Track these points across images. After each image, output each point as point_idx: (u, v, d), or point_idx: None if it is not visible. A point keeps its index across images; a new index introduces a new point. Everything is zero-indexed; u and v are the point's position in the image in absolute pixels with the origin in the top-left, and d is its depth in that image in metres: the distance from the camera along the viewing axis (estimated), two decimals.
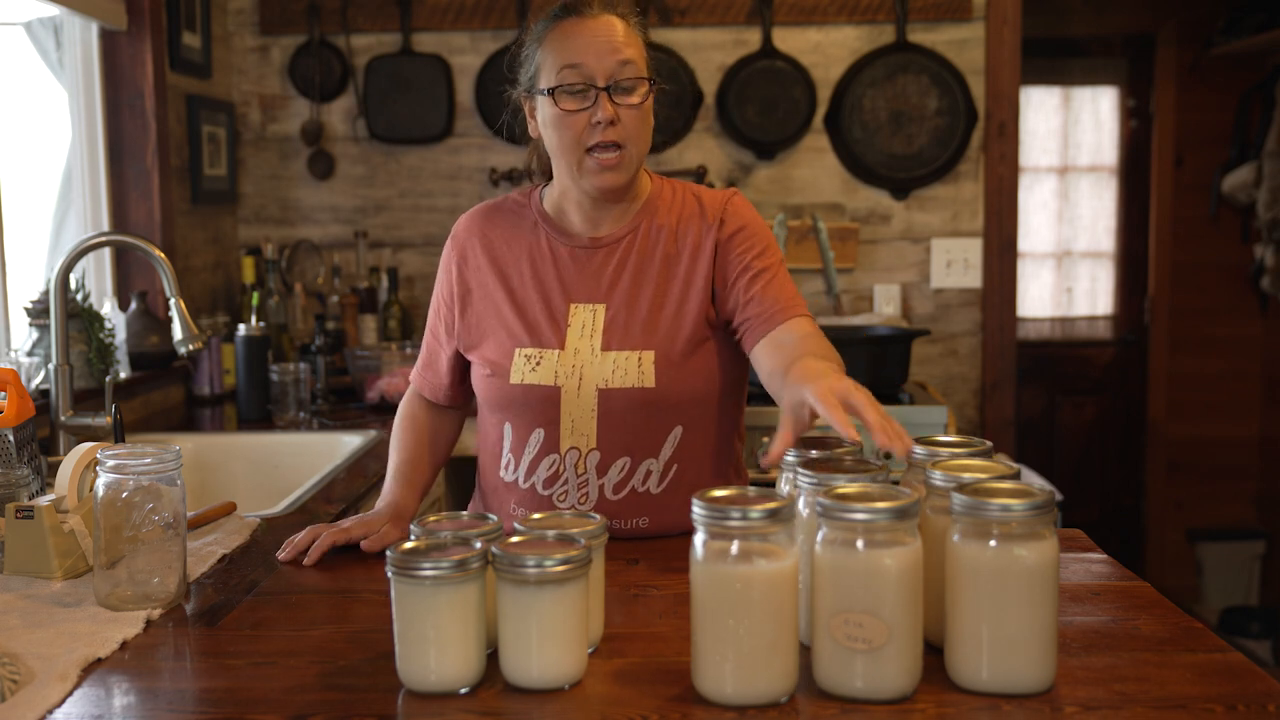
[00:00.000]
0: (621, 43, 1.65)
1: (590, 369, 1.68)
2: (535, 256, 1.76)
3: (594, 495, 1.70)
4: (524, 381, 1.70)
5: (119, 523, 1.40)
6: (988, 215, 3.63)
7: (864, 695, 1.12)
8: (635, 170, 1.70)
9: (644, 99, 1.67)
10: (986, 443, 1.33)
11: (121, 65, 3.05)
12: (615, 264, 1.74)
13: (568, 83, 1.64)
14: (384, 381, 3.07)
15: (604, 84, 1.64)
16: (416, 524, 1.26)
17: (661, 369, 1.68)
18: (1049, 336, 5.01)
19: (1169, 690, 1.14)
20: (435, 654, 1.15)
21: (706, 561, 1.12)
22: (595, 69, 1.63)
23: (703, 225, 1.74)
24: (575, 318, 1.72)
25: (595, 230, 1.76)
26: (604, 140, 1.64)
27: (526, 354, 1.71)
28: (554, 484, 1.71)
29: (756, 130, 3.60)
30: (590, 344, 1.70)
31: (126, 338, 2.94)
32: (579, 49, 1.64)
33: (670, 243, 1.74)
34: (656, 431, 1.70)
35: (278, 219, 3.69)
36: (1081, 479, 4.97)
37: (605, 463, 1.69)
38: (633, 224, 1.75)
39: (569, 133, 1.65)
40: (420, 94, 3.60)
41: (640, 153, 1.69)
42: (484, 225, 1.81)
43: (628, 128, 1.65)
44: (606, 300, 1.72)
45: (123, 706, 1.18)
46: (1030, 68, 4.31)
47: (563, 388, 1.68)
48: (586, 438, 1.69)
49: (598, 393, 1.68)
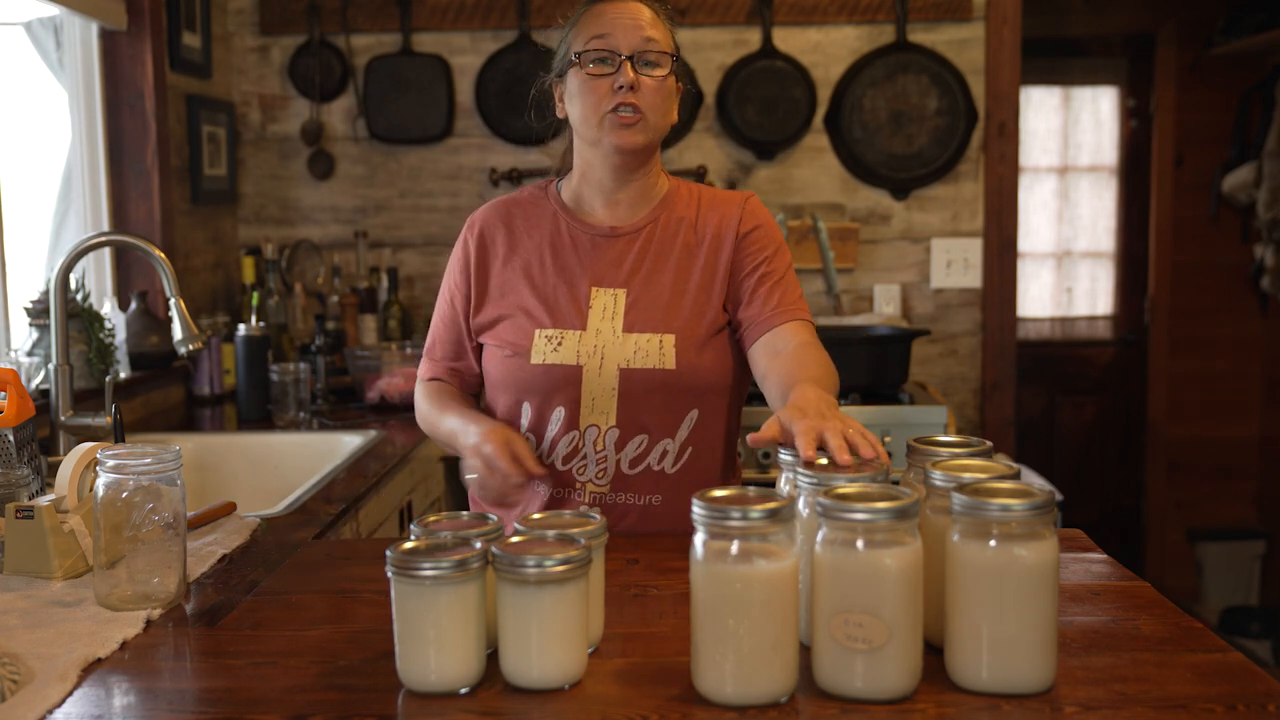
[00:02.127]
0: (647, 23, 1.75)
1: (612, 349, 1.74)
2: (556, 243, 1.81)
3: (611, 470, 1.75)
4: (545, 361, 1.74)
5: (119, 523, 1.40)
6: (988, 215, 3.63)
7: (864, 695, 1.12)
8: (653, 139, 1.76)
9: (666, 75, 1.74)
10: (986, 443, 1.33)
11: (121, 65, 3.05)
12: (636, 251, 1.80)
13: (594, 49, 1.73)
14: (384, 381, 3.07)
15: (628, 53, 1.72)
16: (416, 524, 1.26)
17: (682, 352, 1.74)
18: (1049, 336, 5.01)
19: (1169, 690, 1.14)
20: (435, 654, 1.15)
21: (706, 561, 1.11)
22: (621, 40, 1.72)
23: (724, 219, 1.81)
24: (596, 300, 1.77)
25: (615, 220, 1.81)
26: (623, 103, 1.71)
27: (547, 335, 1.75)
28: (573, 459, 1.75)
29: (756, 130, 3.60)
30: (612, 325, 1.75)
31: (126, 338, 2.93)
32: (607, 23, 1.74)
33: (689, 233, 1.81)
34: (674, 412, 1.75)
35: (278, 219, 3.69)
36: (1081, 479, 4.97)
37: (624, 439, 1.74)
38: (652, 215, 1.82)
39: (592, 96, 1.73)
40: (420, 94, 3.60)
41: (659, 125, 1.76)
42: (504, 214, 1.86)
43: (647, 96, 1.73)
44: (627, 285, 1.78)
45: (123, 706, 1.18)
46: (1030, 68, 4.31)
47: (584, 367, 1.73)
48: (606, 415, 1.74)
49: (619, 372, 1.73)
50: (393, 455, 2.54)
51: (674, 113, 1.80)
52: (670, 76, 1.75)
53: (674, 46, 1.78)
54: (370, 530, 2.31)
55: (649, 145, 1.76)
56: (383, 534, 2.41)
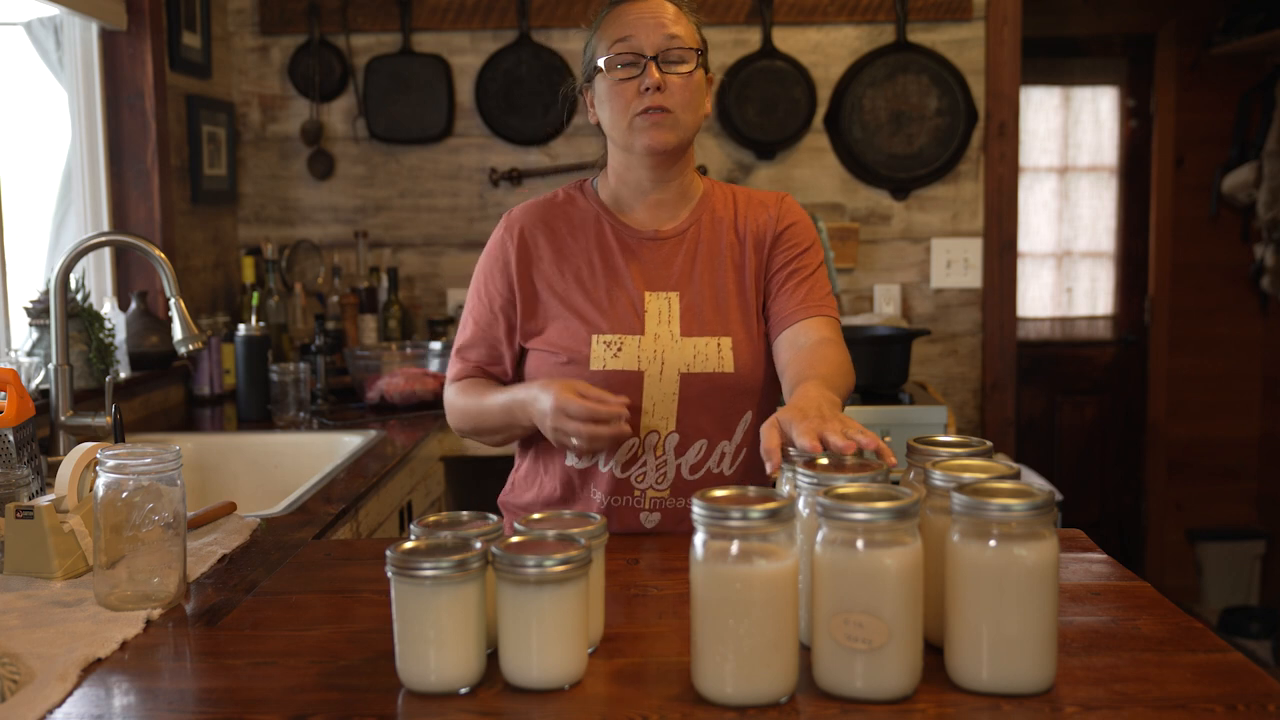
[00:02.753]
0: (670, 20, 1.75)
1: (671, 354, 1.73)
2: (603, 246, 1.80)
3: (671, 475, 1.75)
4: (606, 368, 1.73)
5: (119, 523, 1.40)
6: (988, 215, 3.63)
7: (864, 695, 1.12)
8: (685, 137, 1.76)
9: (693, 70, 1.74)
10: (986, 443, 1.33)
11: (121, 65, 3.05)
12: (684, 254, 1.80)
13: (618, 53, 1.72)
14: (384, 381, 3.07)
15: (652, 54, 1.71)
16: (416, 524, 1.26)
17: (739, 354, 1.75)
18: (1049, 336, 5.01)
19: (1169, 690, 1.14)
20: (435, 654, 1.15)
21: (706, 561, 1.11)
22: (644, 41, 1.72)
23: (764, 217, 1.82)
24: (651, 305, 1.77)
25: (657, 221, 1.81)
26: (652, 105, 1.71)
27: (606, 340, 1.74)
28: (632, 466, 1.75)
29: (756, 130, 3.60)
30: (670, 330, 1.75)
31: (126, 338, 2.93)
32: (629, 24, 1.73)
33: (731, 234, 1.82)
34: (732, 415, 1.76)
35: (278, 219, 3.69)
36: (1081, 479, 4.97)
37: (684, 444, 1.74)
38: (694, 216, 1.82)
39: (619, 100, 1.73)
40: (420, 94, 3.60)
41: (689, 121, 1.75)
42: (543, 215, 1.84)
43: (675, 94, 1.72)
44: (680, 289, 1.78)
45: (123, 706, 1.18)
46: (1030, 68, 4.32)
47: (645, 372, 1.73)
48: (666, 420, 1.73)
49: (680, 377, 1.73)
50: (393, 455, 2.54)
51: (706, 105, 1.80)
52: (698, 71, 1.75)
53: (699, 40, 1.78)
54: (370, 530, 2.31)
55: (681, 144, 1.76)
56: (383, 534, 2.40)
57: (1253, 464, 4.90)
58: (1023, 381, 4.75)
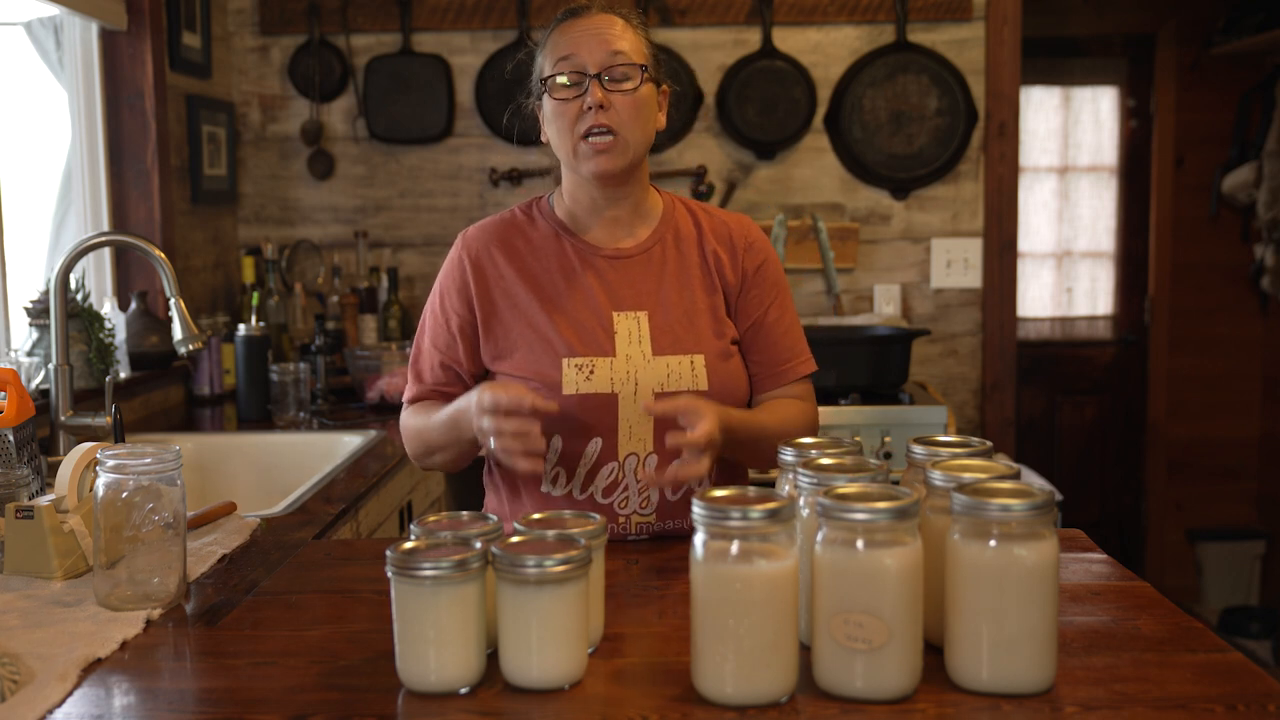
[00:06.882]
0: (615, 35, 1.69)
1: (645, 374, 1.70)
2: (565, 266, 1.76)
3: (655, 498, 1.71)
4: (579, 392, 1.68)
5: (119, 523, 1.40)
6: (988, 215, 3.63)
7: (864, 695, 1.12)
8: (633, 158, 1.71)
9: (636, 87, 1.69)
10: (986, 443, 1.33)
11: (121, 65, 3.05)
12: (651, 273, 1.76)
13: (560, 71, 1.69)
14: (384, 381, 3.07)
15: (595, 71, 1.67)
16: (416, 524, 1.26)
17: (712, 371, 1.72)
18: (1049, 336, 5.01)
19: (1169, 690, 1.14)
20: (435, 654, 1.15)
21: (706, 561, 1.11)
22: (587, 59, 1.68)
23: (727, 242, 1.80)
24: (620, 325, 1.72)
25: (616, 241, 1.78)
26: (595, 124, 1.67)
27: (577, 364, 1.69)
28: (614, 491, 1.71)
29: (756, 130, 3.60)
30: (641, 350, 1.71)
31: (126, 338, 2.93)
32: (572, 42, 1.69)
33: (694, 251, 1.79)
34: None
35: (278, 219, 3.69)
36: (1081, 479, 4.97)
37: (664, 466, 1.68)
38: (657, 235, 1.79)
39: (564, 120, 1.69)
40: (420, 94, 3.60)
41: (635, 140, 1.70)
42: (502, 237, 1.78)
43: (620, 114, 1.68)
44: (648, 308, 1.74)
45: (123, 706, 1.18)
46: (1030, 68, 4.31)
47: (619, 394, 1.69)
48: (644, 442, 1.70)
49: (655, 397, 1.68)
50: (393, 455, 2.54)
51: (657, 120, 1.75)
52: (643, 87, 1.70)
53: (647, 54, 1.72)
54: (370, 530, 2.31)
55: (631, 164, 1.71)
56: (383, 534, 2.40)
57: (1253, 464, 4.90)
58: (1023, 381, 4.75)
